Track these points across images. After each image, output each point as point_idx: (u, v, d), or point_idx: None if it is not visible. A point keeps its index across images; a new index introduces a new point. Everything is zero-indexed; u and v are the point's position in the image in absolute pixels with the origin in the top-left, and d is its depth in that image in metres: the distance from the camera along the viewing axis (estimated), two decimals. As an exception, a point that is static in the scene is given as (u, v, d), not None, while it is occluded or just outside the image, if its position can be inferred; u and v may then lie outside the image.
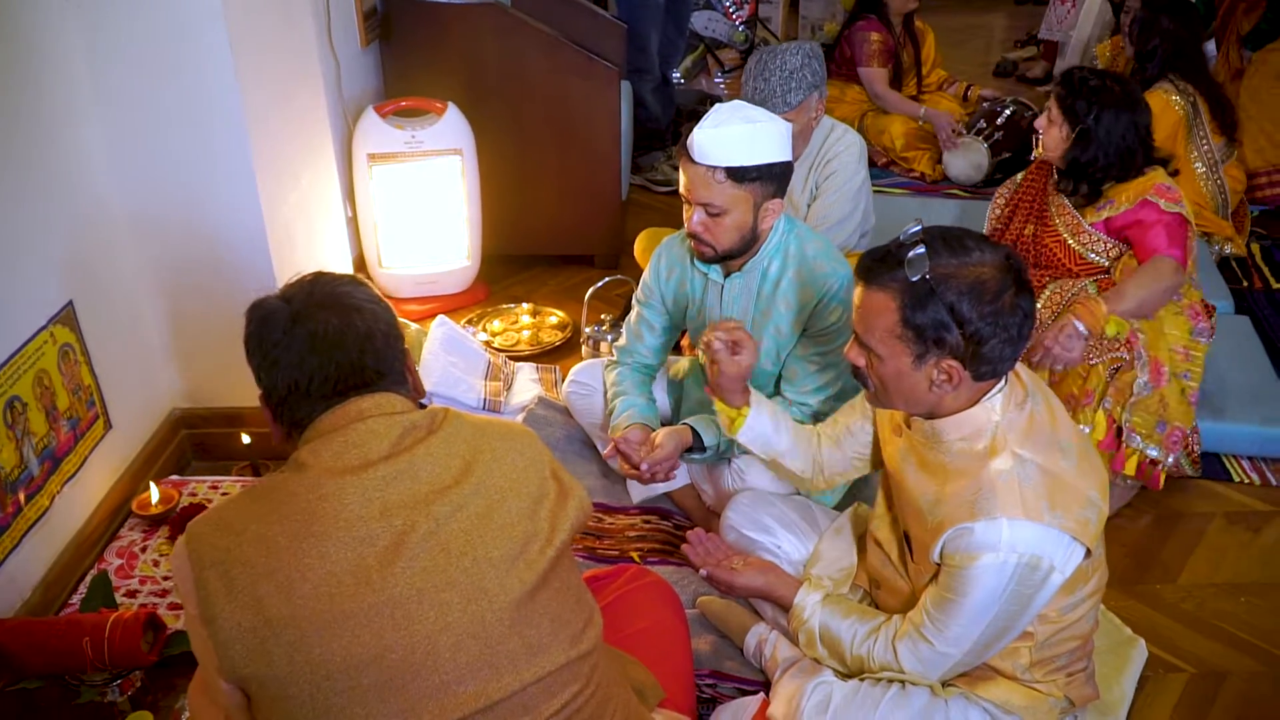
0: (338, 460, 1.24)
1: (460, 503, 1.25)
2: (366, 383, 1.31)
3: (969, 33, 7.44)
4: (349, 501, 1.21)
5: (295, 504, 1.21)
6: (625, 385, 2.45)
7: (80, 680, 1.93)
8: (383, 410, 1.29)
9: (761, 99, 2.67)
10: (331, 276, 1.38)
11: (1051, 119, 2.67)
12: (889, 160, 4.51)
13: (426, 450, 1.27)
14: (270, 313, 1.32)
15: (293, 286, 1.36)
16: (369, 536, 1.20)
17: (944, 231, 1.54)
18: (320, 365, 1.28)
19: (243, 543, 1.19)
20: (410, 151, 3.26)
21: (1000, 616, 1.58)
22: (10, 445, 2.00)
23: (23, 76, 2.04)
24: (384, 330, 1.35)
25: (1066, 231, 2.72)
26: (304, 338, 1.29)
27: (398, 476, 1.24)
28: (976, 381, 1.56)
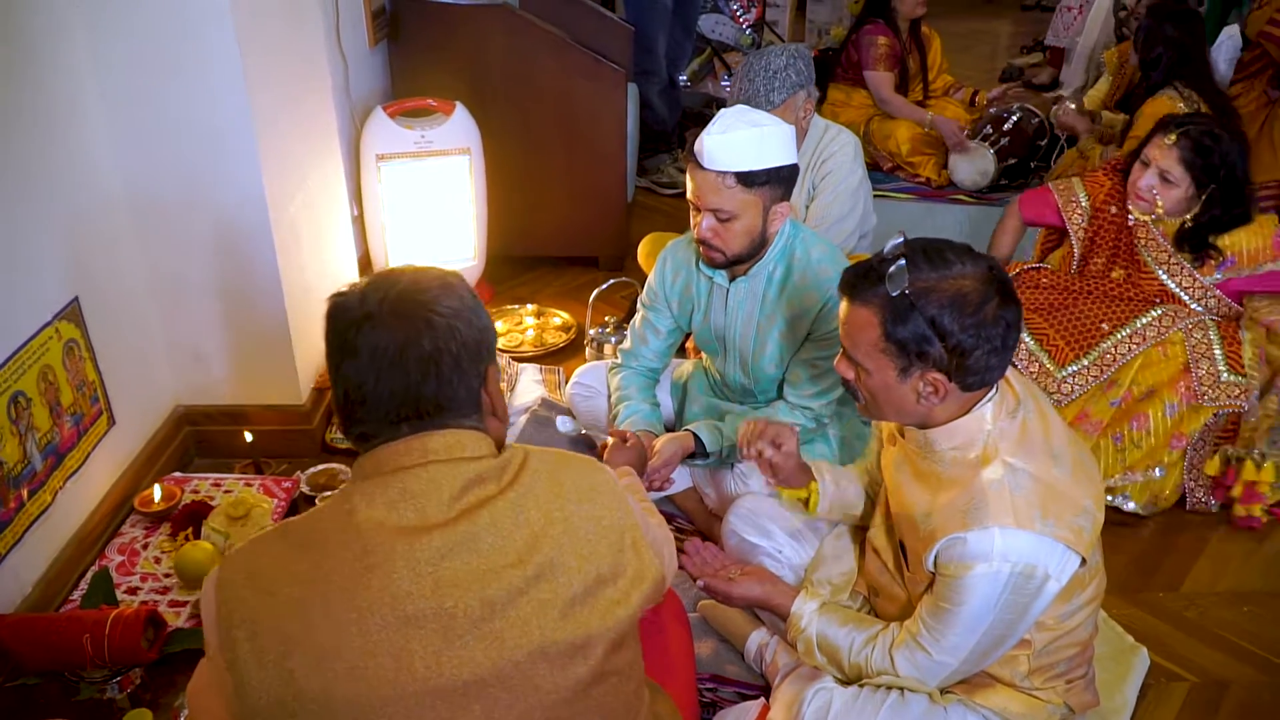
0: (391, 513, 1.12)
1: (521, 586, 1.12)
2: (422, 414, 1.17)
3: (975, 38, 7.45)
4: (398, 574, 1.09)
5: (339, 569, 1.09)
6: (629, 390, 2.45)
7: (80, 677, 1.93)
8: (452, 454, 1.16)
9: (746, 99, 2.68)
10: (421, 276, 1.23)
11: (1172, 179, 2.58)
12: (894, 165, 4.50)
13: (491, 518, 1.14)
14: (342, 308, 1.20)
15: (379, 280, 1.22)
16: (416, 616, 1.08)
17: (925, 244, 1.55)
18: (375, 385, 1.16)
19: (276, 605, 1.08)
20: (419, 151, 3.26)
21: (996, 625, 1.57)
22: (14, 440, 2.00)
23: (29, 75, 2.04)
24: (457, 351, 1.18)
25: (1176, 285, 2.66)
26: (366, 349, 1.16)
27: (454, 549, 1.11)
28: (965, 392, 1.56)
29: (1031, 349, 2.72)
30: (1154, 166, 2.62)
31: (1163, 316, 2.65)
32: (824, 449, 2.32)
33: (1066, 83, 5.82)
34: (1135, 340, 2.64)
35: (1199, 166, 2.56)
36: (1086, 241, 2.82)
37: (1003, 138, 4.29)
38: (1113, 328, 2.67)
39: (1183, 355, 2.61)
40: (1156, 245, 2.68)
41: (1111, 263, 2.75)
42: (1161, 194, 2.61)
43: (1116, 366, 2.63)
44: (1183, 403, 2.59)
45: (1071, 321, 2.72)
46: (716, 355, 2.43)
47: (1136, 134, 3.59)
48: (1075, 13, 5.80)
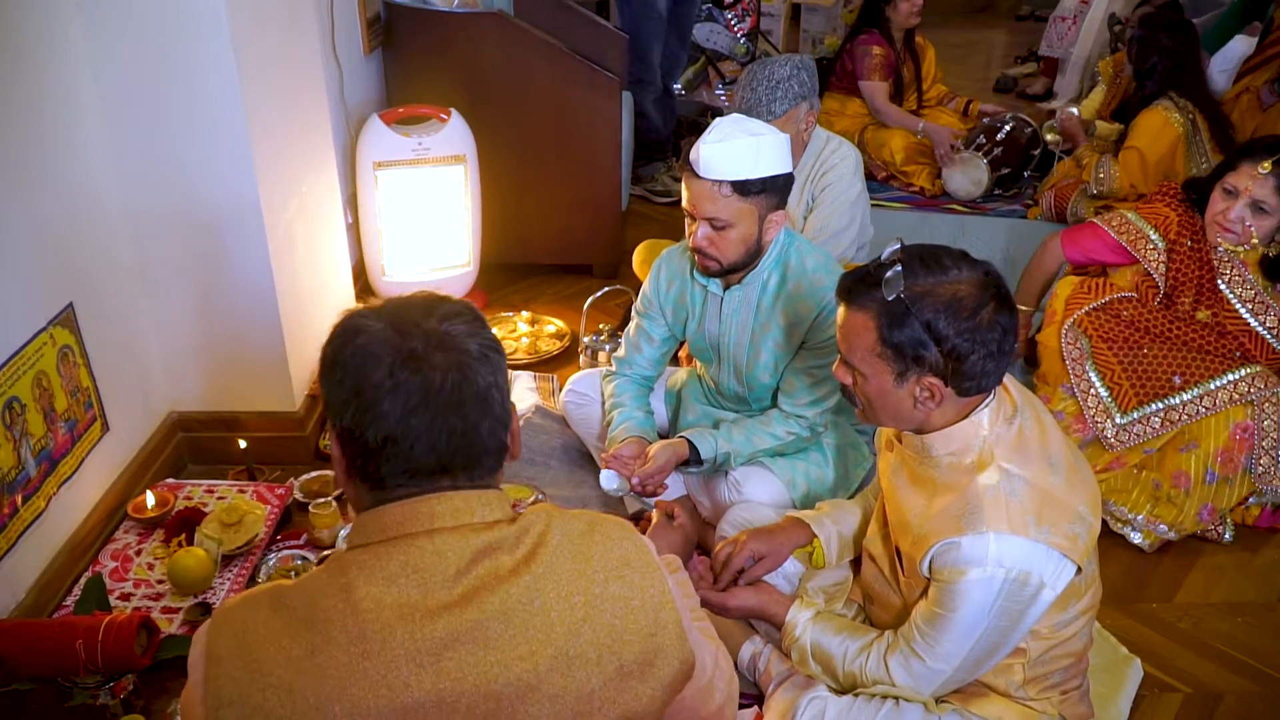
0: (390, 589, 1.04)
1: (532, 682, 1.04)
2: (473, 458, 1.10)
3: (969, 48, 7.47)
4: (395, 664, 1.01)
5: (331, 652, 1.02)
6: (623, 397, 2.45)
7: (73, 683, 1.91)
8: (459, 521, 1.08)
9: (748, 108, 2.68)
10: (444, 305, 1.13)
11: (1268, 209, 2.48)
12: (889, 174, 4.52)
13: (501, 605, 1.05)
14: (379, 339, 1.08)
15: (402, 310, 1.11)
16: (415, 708, 1.01)
17: (922, 250, 1.56)
18: (429, 430, 1.06)
19: (266, 687, 1.01)
20: (416, 158, 3.27)
21: (990, 632, 1.58)
22: (8, 446, 2.00)
23: (25, 81, 2.04)
24: (502, 387, 1.12)
25: (1261, 325, 2.56)
26: (416, 388, 1.05)
27: (459, 639, 1.03)
28: (961, 397, 1.57)
29: (1094, 383, 2.62)
30: (1245, 197, 2.49)
31: (1239, 383, 2.50)
32: (819, 457, 2.33)
33: (1061, 93, 5.84)
34: (1206, 402, 2.51)
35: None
36: (1170, 279, 2.65)
37: (996, 147, 4.31)
38: (1185, 383, 2.53)
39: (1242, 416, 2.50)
40: (1241, 281, 2.57)
41: (1197, 303, 2.60)
42: (1255, 225, 2.49)
43: (1180, 426, 2.53)
44: (1221, 470, 2.49)
45: (1141, 365, 2.58)
46: (711, 363, 2.43)
47: (1133, 144, 3.61)
48: (1069, 23, 5.82)
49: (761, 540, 1.96)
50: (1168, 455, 2.57)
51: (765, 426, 2.27)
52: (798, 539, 1.97)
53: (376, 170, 3.23)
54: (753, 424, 2.28)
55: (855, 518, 2.01)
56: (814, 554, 1.98)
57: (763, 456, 2.28)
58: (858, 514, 2.02)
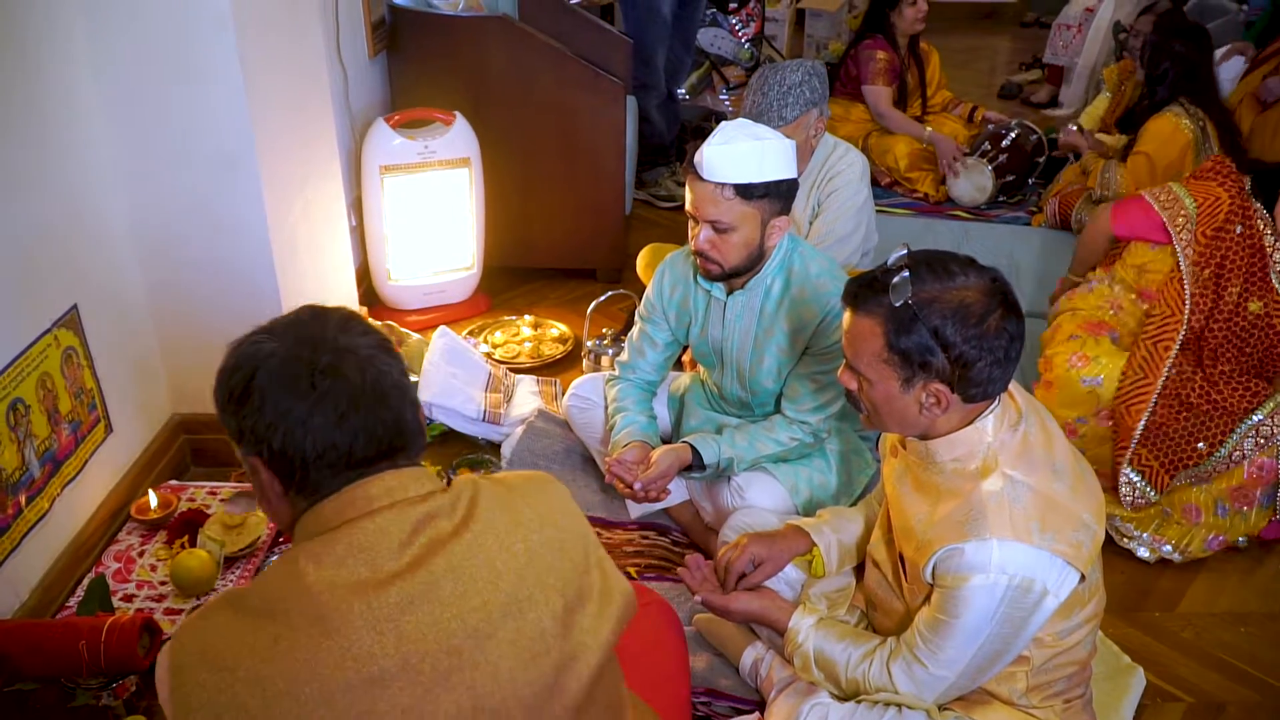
0: (340, 569, 1.06)
1: (488, 631, 1.08)
2: (405, 442, 1.15)
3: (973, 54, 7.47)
4: (357, 635, 1.04)
5: (294, 636, 1.03)
6: (626, 402, 2.45)
7: (76, 683, 1.92)
8: (394, 498, 1.12)
9: (758, 113, 2.68)
10: (337, 314, 1.19)
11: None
12: (892, 180, 4.52)
13: (448, 562, 1.09)
14: (290, 358, 1.11)
15: (296, 328, 1.16)
16: (382, 676, 1.04)
17: (929, 256, 1.56)
18: (364, 425, 1.11)
19: (235, 683, 1.02)
20: (422, 162, 3.27)
21: (993, 639, 1.57)
22: (12, 447, 2.00)
23: (29, 83, 2.04)
24: (407, 376, 1.19)
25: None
26: (342, 393, 1.10)
27: (414, 600, 1.06)
28: (967, 404, 1.57)
29: (1134, 481, 2.51)
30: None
31: (1261, 426, 2.44)
32: (822, 464, 2.33)
33: (1066, 102, 5.83)
34: (1236, 454, 2.45)
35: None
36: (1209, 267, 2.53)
37: (1000, 154, 4.31)
38: (1210, 448, 2.46)
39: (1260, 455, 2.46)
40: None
41: (1246, 292, 2.50)
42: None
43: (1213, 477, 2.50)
44: (1234, 504, 2.49)
45: (1166, 441, 2.49)
46: (714, 368, 2.43)
47: (1142, 149, 3.57)
48: (1074, 31, 5.82)
49: (762, 545, 1.96)
50: (1178, 488, 2.54)
51: (769, 432, 2.27)
52: (797, 546, 1.97)
53: (383, 175, 3.23)
54: (756, 429, 2.28)
55: (856, 525, 2.01)
56: (813, 562, 1.98)
57: (766, 462, 2.28)
58: (859, 521, 2.02)
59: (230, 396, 1.14)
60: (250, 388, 1.11)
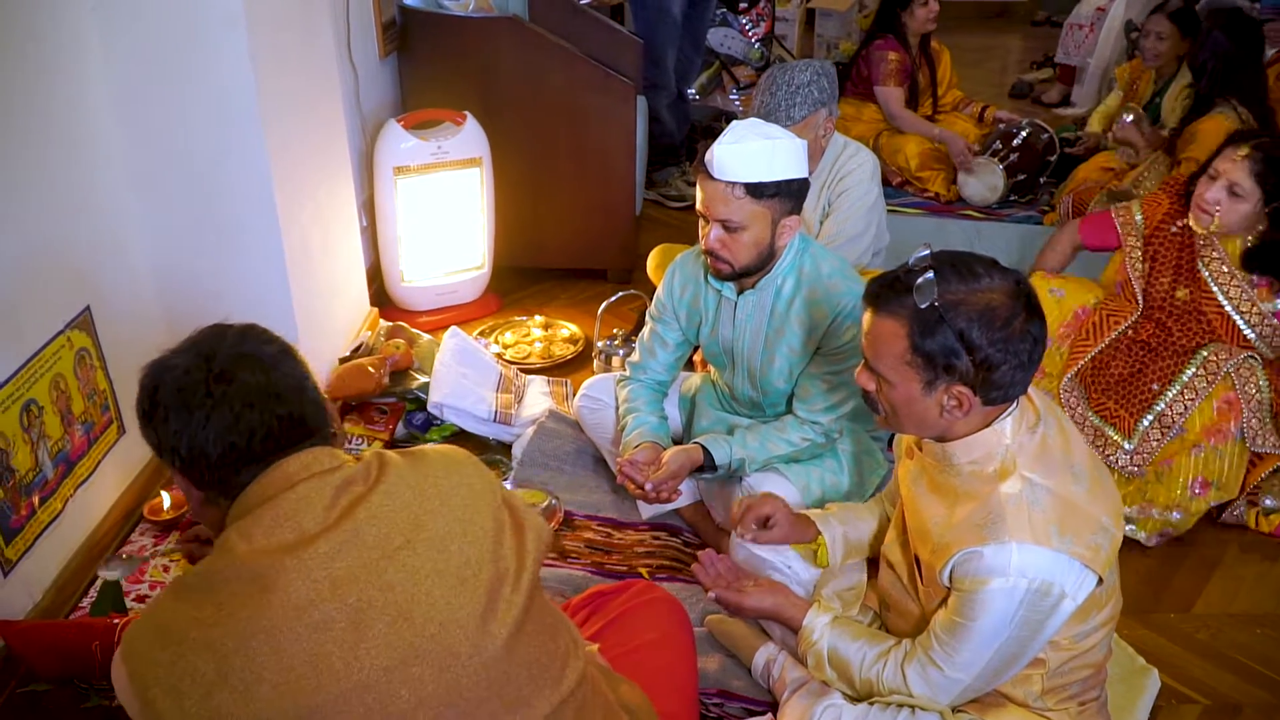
0: (270, 538, 1.14)
1: (415, 564, 1.16)
2: (308, 433, 1.24)
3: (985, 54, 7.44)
4: (293, 588, 1.11)
5: (236, 601, 1.10)
6: (637, 403, 2.45)
7: (89, 685, 1.92)
8: (310, 471, 1.20)
9: (766, 113, 2.67)
10: (238, 328, 1.30)
11: (1240, 193, 2.52)
12: (904, 180, 4.51)
13: (368, 510, 1.18)
14: (186, 372, 1.21)
15: (198, 342, 1.26)
16: (323, 621, 1.11)
17: (953, 257, 1.54)
18: (261, 420, 1.20)
19: (185, 653, 1.08)
20: (436, 162, 3.27)
21: (1010, 642, 1.57)
22: (26, 448, 2.01)
23: (42, 84, 2.05)
24: (306, 373, 1.30)
25: (1235, 311, 2.61)
26: (236, 394, 1.20)
27: (341, 548, 1.14)
28: (987, 406, 1.56)
29: (1098, 425, 2.68)
30: (1222, 179, 2.54)
31: (1207, 362, 2.58)
32: (834, 464, 2.32)
33: (1079, 102, 5.80)
34: (1188, 395, 2.58)
35: (1270, 181, 2.50)
36: (1147, 262, 2.75)
37: (1012, 153, 4.29)
38: (1162, 386, 2.62)
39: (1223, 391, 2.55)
40: (1220, 266, 2.62)
41: (1175, 281, 2.68)
42: (1227, 207, 2.54)
43: (1181, 423, 2.58)
44: (1210, 445, 2.54)
45: (1121, 387, 2.68)
46: (725, 369, 2.43)
47: (1191, 154, 3.46)
48: (1086, 30, 5.79)
49: (785, 511, 1.98)
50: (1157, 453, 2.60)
51: (780, 433, 2.26)
52: (805, 532, 1.98)
53: (397, 176, 3.22)
54: (767, 430, 2.28)
55: (866, 523, 2.00)
56: (818, 552, 1.97)
57: (777, 463, 2.27)
58: (869, 519, 2.01)
59: (142, 413, 1.24)
60: (155, 401, 1.22)
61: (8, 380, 1.95)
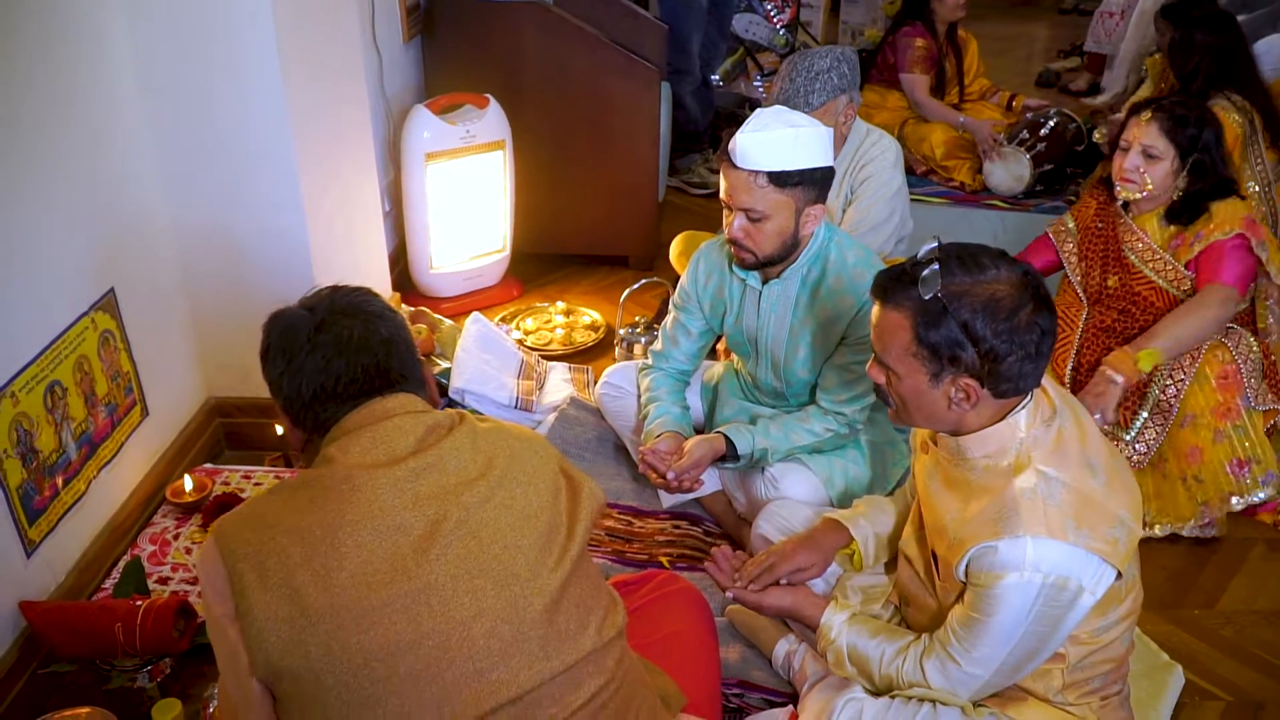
0: (366, 455, 1.26)
1: (487, 494, 1.28)
2: (391, 384, 1.34)
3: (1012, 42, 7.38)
4: (381, 493, 1.23)
5: (328, 496, 1.23)
6: (659, 391, 2.44)
7: (111, 665, 1.94)
8: (406, 409, 1.32)
9: (786, 99, 2.65)
10: (349, 288, 1.42)
11: (1155, 154, 2.57)
12: (929, 169, 4.47)
13: (452, 444, 1.30)
14: (294, 321, 1.36)
15: (311, 298, 1.40)
16: (403, 525, 1.22)
17: (960, 249, 1.54)
18: (347, 367, 1.31)
19: (276, 534, 1.20)
20: (464, 147, 3.26)
21: (1028, 637, 1.55)
22: (50, 429, 2.02)
23: (69, 67, 2.05)
24: (404, 338, 1.39)
25: (1159, 277, 2.64)
26: (330, 343, 1.32)
27: (426, 469, 1.26)
28: (998, 399, 1.55)
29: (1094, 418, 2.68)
30: (1135, 146, 2.60)
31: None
32: (857, 455, 2.30)
33: (1107, 89, 5.74)
34: (1179, 375, 2.60)
35: (1181, 136, 2.54)
36: (1082, 260, 2.82)
37: (1039, 143, 4.24)
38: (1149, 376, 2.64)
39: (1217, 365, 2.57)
40: (1139, 241, 2.67)
41: (1105, 271, 2.75)
42: (1148, 171, 2.59)
43: (1178, 405, 2.58)
44: (1227, 426, 2.52)
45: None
46: (748, 358, 2.41)
47: None
48: (1116, 19, 5.72)
49: (808, 550, 1.93)
50: (1174, 438, 2.59)
51: (803, 423, 2.25)
52: (839, 542, 1.95)
53: (428, 163, 3.21)
54: (790, 420, 2.27)
55: (892, 517, 1.99)
56: (853, 556, 1.96)
57: (800, 453, 2.26)
58: (894, 513, 1.99)
59: (261, 356, 1.39)
60: (269, 345, 1.37)
61: (32, 361, 1.96)
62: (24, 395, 1.93)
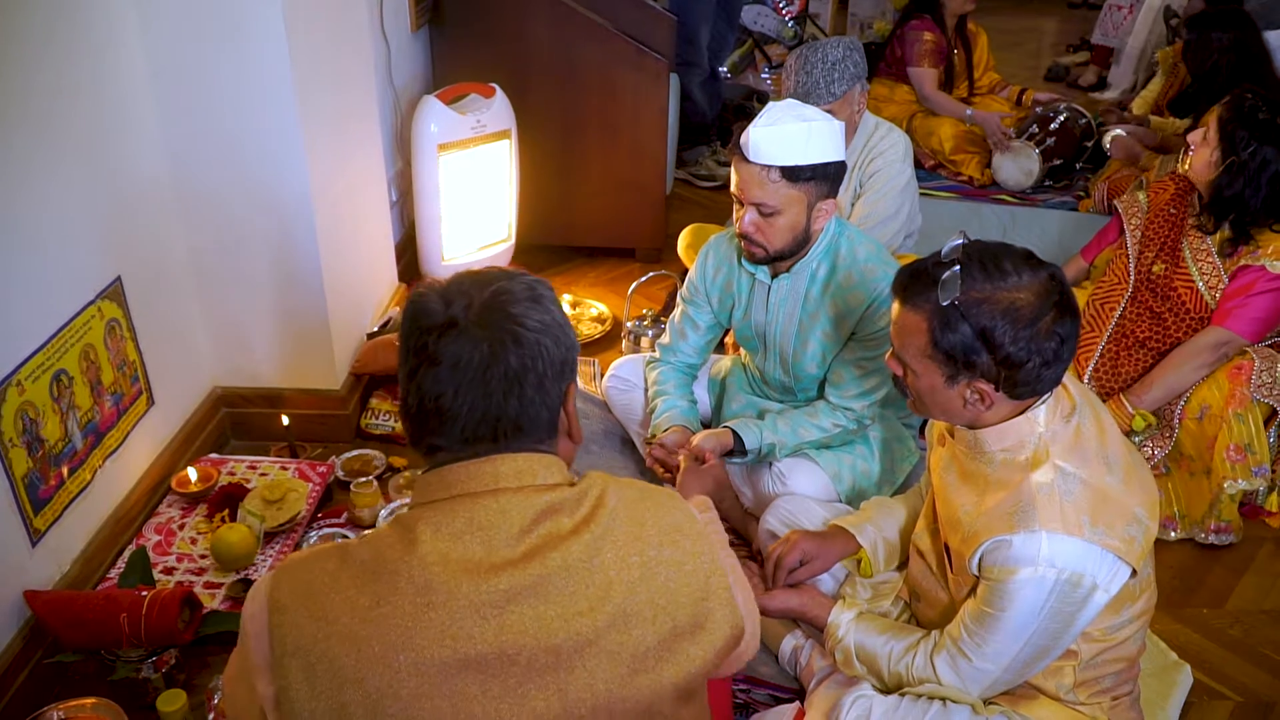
0: (456, 545, 1.06)
1: (590, 637, 1.06)
2: (498, 436, 1.11)
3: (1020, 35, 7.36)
4: (460, 615, 1.03)
5: (397, 602, 1.04)
6: (667, 385, 2.43)
7: (116, 655, 1.93)
8: (523, 482, 1.10)
9: (805, 92, 2.64)
10: (510, 284, 1.14)
11: (1206, 139, 2.54)
12: (937, 163, 4.45)
13: (563, 561, 1.07)
14: (424, 311, 1.12)
15: (464, 283, 1.14)
16: (477, 660, 1.03)
17: (983, 251, 1.51)
18: (453, 399, 1.09)
19: (332, 635, 1.03)
20: (475, 136, 3.24)
21: (1041, 634, 1.54)
22: (55, 418, 2.01)
23: (78, 53, 2.04)
24: (542, 370, 1.12)
25: (1200, 278, 2.60)
26: (448, 359, 1.08)
27: (522, 593, 1.05)
28: (1014, 400, 1.54)
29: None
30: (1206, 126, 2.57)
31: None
32: (865, 451, 2.29)
33: (1114, 83, 5.73)
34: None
35: (1229, 128, 2.49)
36: (1141, 239, 2.76)
37: (1049, 137, 4.22)
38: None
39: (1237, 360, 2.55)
40: (1199, 241, 2.62)
41: (1157, 256, 2.70)
42: (1197, 150, 2.55)
43: (1181, 409, 2.58)
44: (1230, 412, 2.51)
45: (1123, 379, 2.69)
46: (757, 352, 2.40)
47: None
48: (1125, 12, 5.70)
49: (812, 542, 1.94)
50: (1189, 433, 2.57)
51: (811, 418, 2.24)
52: (845, 548, 1.95)
53: (441, 154, 3.18)
54: (798, 415, 2.25)
55: (901, 520, 1.98)
56: (861, 563, 1.95)
57: (808, 448, 2.25)
58: (903, 514, 1.99)
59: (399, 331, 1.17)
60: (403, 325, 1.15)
61: (38, 350, 1.95)
62: (30, 384, 1.92)
